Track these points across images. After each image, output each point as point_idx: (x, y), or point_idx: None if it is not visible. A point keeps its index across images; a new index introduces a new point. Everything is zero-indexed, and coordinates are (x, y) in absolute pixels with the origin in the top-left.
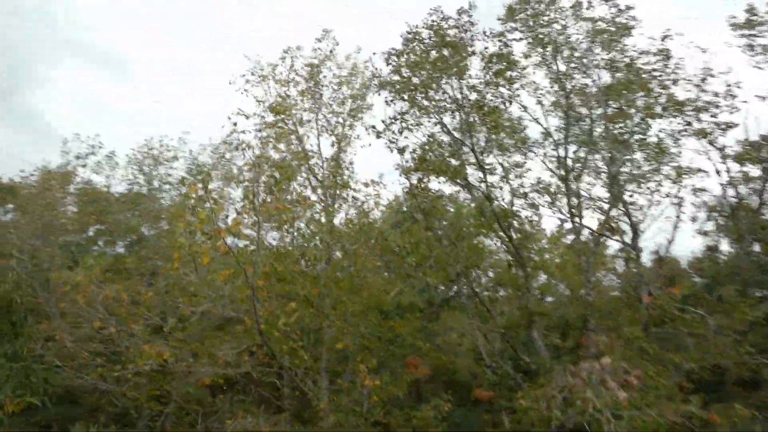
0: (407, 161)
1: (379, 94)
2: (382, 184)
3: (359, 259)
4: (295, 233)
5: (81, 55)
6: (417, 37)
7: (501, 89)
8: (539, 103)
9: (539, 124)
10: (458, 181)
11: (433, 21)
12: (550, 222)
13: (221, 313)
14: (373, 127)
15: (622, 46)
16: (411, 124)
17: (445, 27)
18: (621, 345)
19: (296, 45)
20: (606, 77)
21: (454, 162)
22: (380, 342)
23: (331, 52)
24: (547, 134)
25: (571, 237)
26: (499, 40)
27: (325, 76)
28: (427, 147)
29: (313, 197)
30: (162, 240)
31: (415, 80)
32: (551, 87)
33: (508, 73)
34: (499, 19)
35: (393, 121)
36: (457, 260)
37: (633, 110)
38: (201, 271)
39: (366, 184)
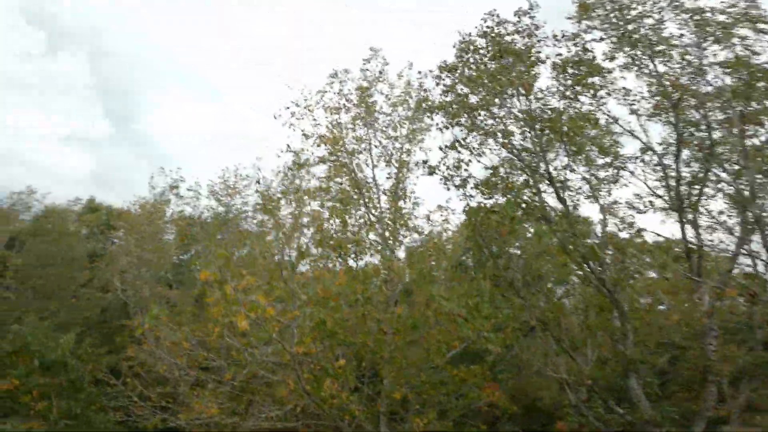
0: (470, 195)
1: (431, 119)
2: (450, 209)
3: (419, 308)
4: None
5: (181, 83)
6: (471, 47)
7: (581, 98)
8: (634, 112)
9: (635, 137)
10: (534, 210)
11: (487, 27)
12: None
13: (265, 375)
14: (425, 162)
15: (742, 40)
16: (472, 151)
17: (503, 33)
18: None
19: (343, 68)
20: (720, 77)
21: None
22: (444, 389)
23: (380, 73)
24: (646, 148)
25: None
26: (574, 43)
27: (375, 101)
28: (493, 180)
29: (371, 236)
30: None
31: (474, 99)
32: (648, 90)
33: (590, 79)
34: (569, 18)
35: (446, 152)
36: (532, 312)
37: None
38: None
39: (428, 217)
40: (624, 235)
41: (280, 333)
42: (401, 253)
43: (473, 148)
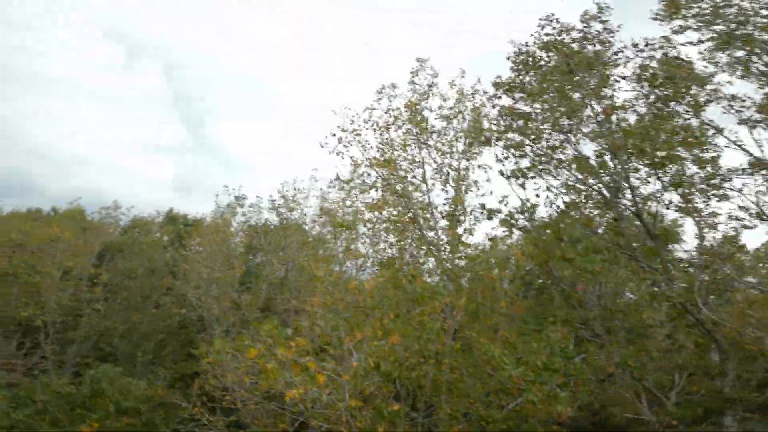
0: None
1: (491, 146)
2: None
3: (480, 344)
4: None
5: (245, 89)
6: (531, 60)
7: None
8: (744, 122)
9: (743, 149)
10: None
11: (547, 35)
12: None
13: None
14: (483, 206)
15: None
16: (538, 175)
17: (568, 41)
18: None
19: (390, 83)
20: None
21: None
22: (505, 425)
23: (430, 87)
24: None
25: None
26: (663, 52)
27: (426, 117)
28: (562, 226)
29: (430, 262)
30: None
31: (535, 115)
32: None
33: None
34: (655, 18)
35: (506, 201)
36: (611, 358)
37: None
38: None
39: (491, 239)
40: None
41: (332, 387)
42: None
43: (538, 173)
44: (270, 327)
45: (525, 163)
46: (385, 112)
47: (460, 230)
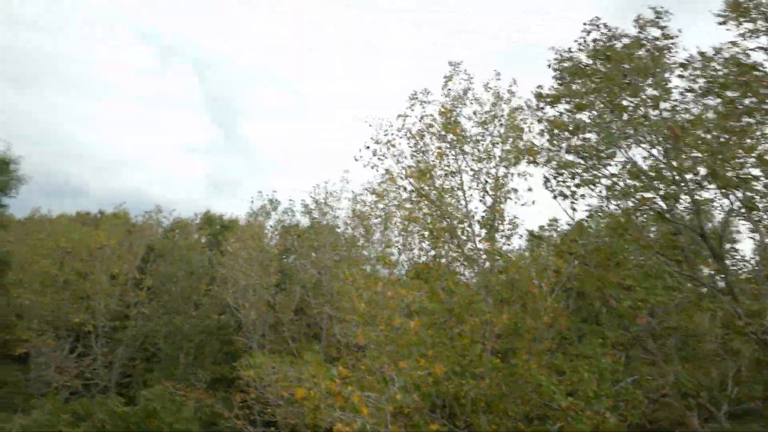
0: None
1: (535, 165)
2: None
3: (522, 361)
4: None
5: (274, 88)
6: (579, 68)
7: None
8: None
9: None
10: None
11: (595, 42)
12: None
13: None
14: (531, 233)
15: None
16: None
17: (619, 47)
18: None
19: (423, 88)
20: None
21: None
22: None
23: (465, 92)
24: None
25: None
26: (733, 58)
27: (461, 124)
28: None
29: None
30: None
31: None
32: None
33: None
34: (721, 19)
35: (554, 224)
36: (668, 379)
37: None
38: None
39: (533, 251)
40: None
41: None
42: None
43: (590, 190)
44: (314, 362)
45: (574, 181)
46: (419, 120)
47: (498, 239)
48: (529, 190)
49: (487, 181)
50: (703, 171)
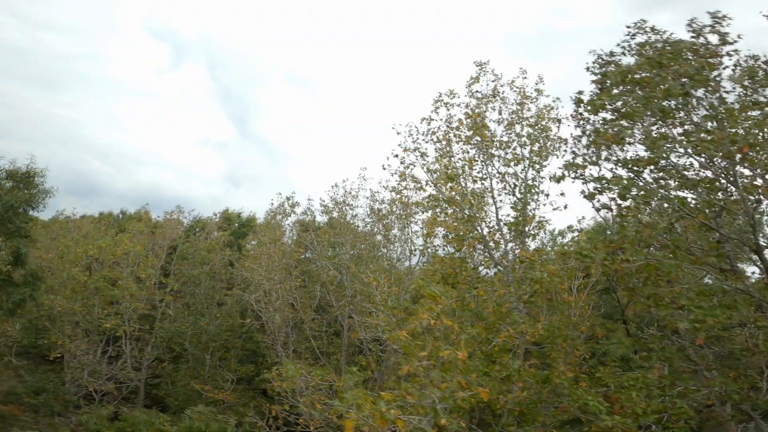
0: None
1: (572, 181)
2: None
3: (558, 370)
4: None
5: (286, 82)
6: (623, 74)
7: None
8: None
9: None
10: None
11: (640, 45)
12: None
13: None
14: (580, 253)
15: None
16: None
17: (669, 53)
18: None
19: (448, 89)
20: None
21: None
22: None
23: (494, 94)
24: None
25: None
26: None
27: (487, 127)
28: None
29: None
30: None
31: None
32: None
33: None
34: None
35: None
36: (713, 390)
37: None
38: None
39: (564, 252)
40: None
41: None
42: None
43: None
44: (356, 387)
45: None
46: (445, 122)
47: (529, 244)
48: (561, 194)
49: (515, 185)
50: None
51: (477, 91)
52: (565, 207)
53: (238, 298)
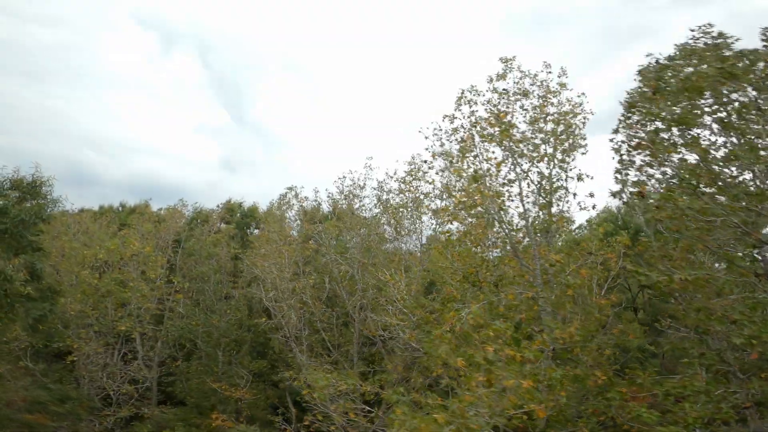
0: None
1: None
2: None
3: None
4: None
5: (281, 69)
6: (690, 84)
7: None
8: None
9: None
10: None
11: (705, 46)
12: None
13: None
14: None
15: None
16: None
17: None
18: None
19: (471, 85)
20: None
21: None
22: None
23: (521, 93)
24: None
25: None
26: None
27: (514, 126)
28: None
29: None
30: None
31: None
32: None
33: None
34: None
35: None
36: (748, 393)
37: None
38: None
39: (590, 252)
40: None
41: None
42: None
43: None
44: (406, 416)
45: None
46: (468, 119)
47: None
48: (591, 195)
49: (541, 184)
50: None
51: (504, 90)
52: (593, 207)
53: (247, 293)
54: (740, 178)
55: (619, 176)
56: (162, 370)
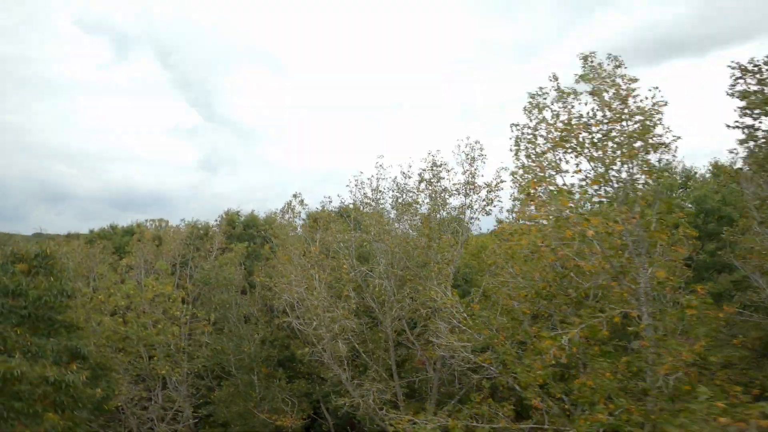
0: None
1: None
2: None
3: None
4: None
5: (249, 60)
6: None
7: None
8: None
9: None
10: None
11: None
12: None
13: None
14: None
15: None
16: None
17: None
18: None
19: (538, 87)
20: None
21: None
22: None
23: (625, 101)
24: None
25: None
26: None
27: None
28: None
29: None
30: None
31: None
32: None
33: None
34: None
35: None
36: None
37: None
38: None
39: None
40: None
41: None
42: None
43: None
44: None
45: None
46: (544, 124)
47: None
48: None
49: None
50: None
51: (580, 93)
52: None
53: (282, 323)
54: None
55: None
56: (200, 399)
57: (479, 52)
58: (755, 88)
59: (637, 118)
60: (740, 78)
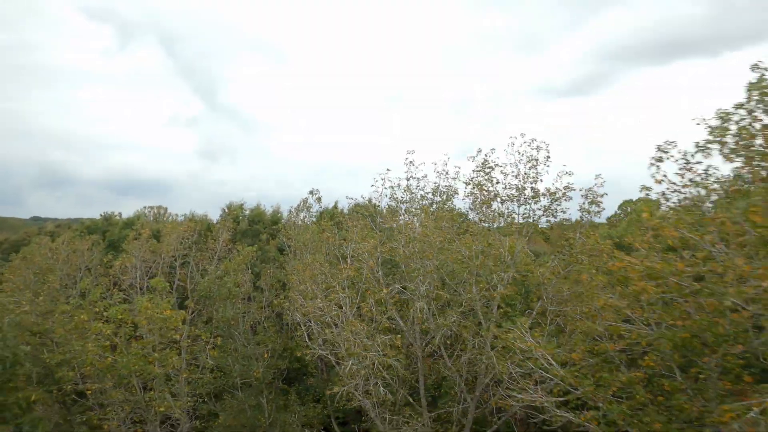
0: None
1: None
2: None
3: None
4: None
5: (251, 50)
6: None
7: None
8: None
9: None
10: None
11: None
12: None
13: None
14: None
15: None
16: None
17: None
18: None
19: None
20: None
21: None
22: None
23: None
24: None
25: None
26: None
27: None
28: None
29: None
30: None
31: None
32: None
33: None
34: None
35: None
36: None
37: None
38: None
39: None
40: None
41: None
42: None
43: None
44: None
45: None
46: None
47: None
48: None
49: None
50: None
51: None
52: None
53: (311, 352)
54: None
55: None
56: (200, 424)
57: (477, 46)
58: None
59: None
60: None
